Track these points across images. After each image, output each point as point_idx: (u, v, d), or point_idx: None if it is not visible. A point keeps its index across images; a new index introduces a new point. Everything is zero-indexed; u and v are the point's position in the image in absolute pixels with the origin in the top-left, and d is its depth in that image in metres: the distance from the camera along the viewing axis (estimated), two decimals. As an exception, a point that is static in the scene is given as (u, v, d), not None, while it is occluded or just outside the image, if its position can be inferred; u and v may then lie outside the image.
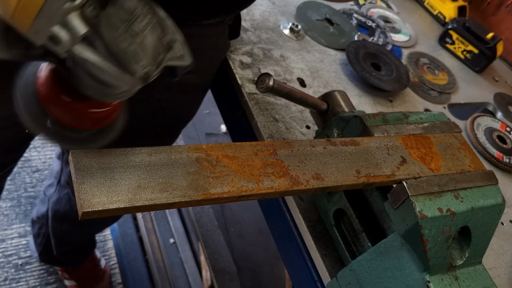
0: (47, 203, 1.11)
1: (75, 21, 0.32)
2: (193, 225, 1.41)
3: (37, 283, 1.34)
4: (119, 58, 0.33)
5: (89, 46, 0.33)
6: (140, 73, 0.34)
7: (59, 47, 0.33)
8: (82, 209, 0.35)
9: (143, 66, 0.34)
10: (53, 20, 0.31)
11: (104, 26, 0.33)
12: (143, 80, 0.35)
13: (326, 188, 0.46)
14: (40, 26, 0.31)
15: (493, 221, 0.52)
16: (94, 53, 0.33)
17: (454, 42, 1.13)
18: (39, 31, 0.32)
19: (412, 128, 0.57)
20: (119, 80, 0.34)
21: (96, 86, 0.35)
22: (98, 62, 0.33)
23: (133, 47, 0.33)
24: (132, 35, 0.33)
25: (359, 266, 0.52)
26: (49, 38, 0.32)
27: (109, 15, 0.33)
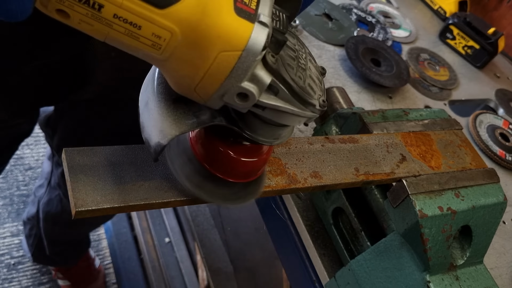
0: (37, 204, 1.11)
1: (261, 72, 0.31)
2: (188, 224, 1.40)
3: (30, 283, 1.33)
4: (301, 95, 0.33)
5: (270, 92, 0.32)
6: (318, 104, 0.35)
7: (247, 103, 0.32)
8: (76, 208, 0.34)
9: (319, 96, 0.35)
10: (243, 77, 0.30)
11: (283, 69, 0.32)
12: (320, 111, 0.35)
13: (324, 187, 0.46)
14: (228, 87, 0.31)
15: (495, 220, 0.52)
16: (276, 98, 0.33)
17: (455, 37, 1.11)
18: (225, 93, 0.31)
19: (412, 125, 0.56)
20: (300, 117, 0.34)
21: (270, 131, 0.36)
22: (283, 105, 0.33)
23: (308, 80, 0.34)
24: (303, 70, 0.34)
25: (358, 266, 0.52)
26: (237, 96, 0.31)
27: (283, 57, 0.33)
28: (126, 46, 0.30)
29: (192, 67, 0.30)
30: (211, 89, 0.31)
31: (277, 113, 0.34)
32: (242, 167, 0.38)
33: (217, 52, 0.29)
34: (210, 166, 0.37)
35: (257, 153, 0.38)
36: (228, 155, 0.37)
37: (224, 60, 0.29)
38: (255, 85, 0.31)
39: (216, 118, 0.35)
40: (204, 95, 0.32)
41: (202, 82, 0.31)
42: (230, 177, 0.38)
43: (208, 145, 0.37)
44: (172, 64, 0.31)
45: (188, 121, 0.34)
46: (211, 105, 0.33)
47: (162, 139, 0.33)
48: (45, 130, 0.90)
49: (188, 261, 1.38)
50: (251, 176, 0.40)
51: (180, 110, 0.34)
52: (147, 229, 1.46)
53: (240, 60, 0.30)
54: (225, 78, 0.30)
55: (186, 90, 0.32)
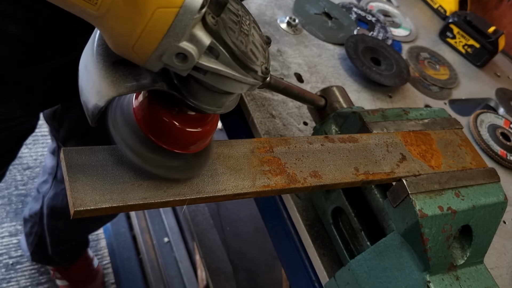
0: (41, 201, 1.10)
1: (200, 33, 0.31)
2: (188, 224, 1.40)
3: (28, 283, 1.33)
4: (242, 60, 0.32)
5: (210, 55, 0.32)
6: (260, 71, 0.34)
7: (186, 64, 0.31)
8: (74, 208, 0.34)
9: (261, 63, 0.34)
10: (181, 36, 0.30)
11: (224, 32, 0.32)
12: (263, 78, 0.34)
13: (324, 186, 0.46)
14: (166, 47, 0.30)
15: (495, 219, 0.52)
16: (217, 62, 0.32)
17: (455, 36, 1.11)
18: (163, 53, 0.30)
19: (412, 124, 0.56)
20: (242, 83, 0.34)
21: (213, 98, 0.35)
22: (223, 69, 0.32)
23: (250, 46, 0.34)
24: (245, 35, 0.33)
25: (358, 266, 0.51)
26: (175, 56, 0.31)
27: (224, 20, 0.32)
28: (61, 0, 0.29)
29: (129, 24, 0.29)
30: (149, 48, 0.30)
31: (219, 78, 0.33)
32: (187, 137, 0.37)
33: (154, 8, 0.29)
34: (155, 137, 0.37)
35: (202, 123, 0.38)
36: (172, 125, 0.36)
37: (161, 17, 0.29)
38: (194, 45, 0.31)
39: (158, 83, 0.34)
40: (142, 55, 0.31)
41: (140, 41, 0.30)
42: (175, 147, 0.37)
43: (152, 115, 0.36)
44: (109, 21, 0.30)
45: (127, 84, 0.33)
46: (150, 66, 0.32)
47: (99, 100, 0.32)
48: (51, 123, 0.90)
49: (187, 261, 1.38)
50: (197, 147, 0.39)
51: (119, 72, 0.33)
52: (146, 228, 1.46)
53: (177, 18, 0.29)
54: (162, 36, 0.30)
55: (124, 50, 0.31)
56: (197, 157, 0.40)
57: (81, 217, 0.35)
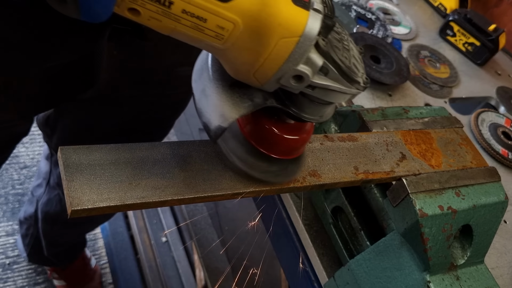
0: (35, 204, 1.10)
1: (314, 55, 0.34)
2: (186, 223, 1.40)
3: (25, 283, 1.32)
4: (348, 74, 0.36)
5: (320, 73, 0.35)
6: (362, 82, 0.37)
7: (301, 84, 0.34)
8: (72, 207, 0.34)
9: (362, 74, 0.38)
10: (299, 60, 0.33)
11: (332, 51, 0.35)
12: (364, 87, 0.38)
13: (323, 186, 0.46)
14: (285, 71, 0.33)
15: (496, 219, 0.51)
16: (326, 78, 0.35)
17: (455, 34, 1.11)
18: (282, 76, 0.34)
19: (412, 123, 0.56)
20: (347, 94, 0.37)
21: (317, 108, 0.38)
22: (332, 84, 0.36)
23: (353, 60, 0.37)
24: (347, 51, 0.37)
25: (357, 266, 0.51)
26: (292, 78, 0.34)
27: (330, 40, 0.35)
28: (190, 38, 0.32)
29: (252, 54, 0.32)
30: (270, 73, 0.33)
31: (326, 91, 0.36)
32: (285, 143, 0.40)
33: (277, 39, 0.32)
34: (255, 142, 0.40)
35: (299, 131, 0.41)
36: (272, 131, 0.40)
37: (284, 46, 0.32)
38: (309, 67, 0.34)
39: (268, 100, 0.37)
40: (262, 79, 0.34)
41: (262, 68, 0.33)
42: (273, 153, 0.41)
43: (254, 123, 0.40)
44: (233, 52, 0.33)
45: (245, 104, 0.36)
46: (267, 88, 0.35)
47: (223, 122, 0.36)
48: (44, 129, 0.90)
49: (185, 260, 1.37)
50: (293, 153, 0.42)
51: (236, 94, 0.36)
52: (143, 228, 1.45)
53: (297, 45, 0.32)
54: (283, 62, 0.33)
55: (245, 76, 0.34)
56: (294, 162, 0.43)
57: (78, 216, 0.35)
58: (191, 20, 0.30)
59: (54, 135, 0.88)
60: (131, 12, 0.30)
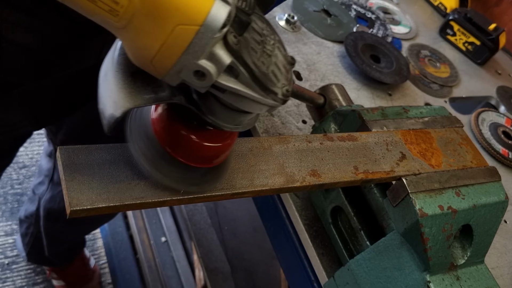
0: (37, 202, 1.10)
1: (221, 52, 0.30)
2: (185, 223, 1.39)
3: (24, 283, 1.31)
4: (263, 81, 0.32)
5: (230, 75, 0.32)
6: (280, 93, 0.34)
7: (204, 82, 0.31)
8: (71, 207, 0.34)
9: (283, 85, 0.34)
10: (200, 54, 0.30)
11: (245, 52, 0.31)
12: (283, 101, 0.34)
13: (323, 185, 0.45)
14: (185, 63, 0.30)
15: (496, 219, 0.51)
16: (236, 81, 0.32)
17: (455, 33, 1.10)
18: (182, 69, 0.30)
19: (412, 122, 0.55)
20: (261, 104, 0.33)
21: (230, 115, 0.35)
22: (242, 89, 0.32)
23: (272, 67, 0.33)
24: (268, 56, 0.33)
25: (357, 266, 0.51)
26: (194, 73, 0.31)
27: (247, 40, 0.32)
28: (83, 9, 0.29)
29: (149, 37, 0.29)
30: (168, 63, 0.30)
31: (238, 97, 0.33)
32: (204, 151, 0.37)
33: (174, 25, 0.29)
34: (172, 150, 0.36)
35: (221, 138, 0.37)
36: (190, 139, 0.36)
37: (181, 34, 0.29)
38: (213, 64, 0.30)
39: (176, 96, 0.34)
40: (161, 69, 0.31)
41: (159, 55, 0.30)
42: (192, 161, 0.37)
43: (170, 128, 0.36)
44: (130, 33, 0.30)
45: (145, 96, 0.33)
46: (169, 80, 0.32)
47: (115, 110, 0.32)
48: (49, 127, 0.89)
49: (185, 260, 1.37)
50: (213, 161, 0.38)
51: (138, 83, 0.33)
52: (143, 228, 1.45)
53: (197, 36, 0.29)
54: (181, 53, 0.29)
55: (143, 62, 0.31)
56: (214, 170, 0.39)
57: (77, 216, 0.35)
58: None
59: (60, 131, 0.88)
60: None
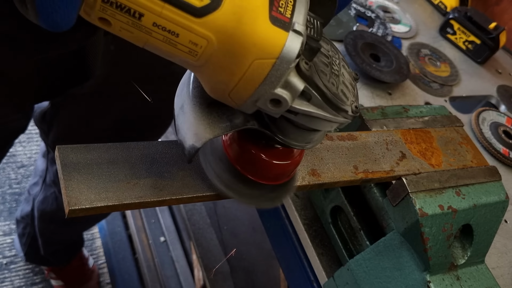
0: (31, 203, 1.10)
1: (294, 79, 0.32)
2: (184, 223, 1.39)
3: (23, 283, 1.31)
4: (334, 102, 0.33)
5: (303, 98, 0.33)
6: (350, 111, 0.35)
7: (279, 108, 0.32)
8: (69, 207, 0.34)
9: (351, 102, 0.35)
10: (277, 84, 0.31)
11: (316, 76, 0.33)
12: (353, 117, 0.36)
13: (322, 185, 0.45)
14: (261, 94, 0.31)
15: (496, 218, 0.51)
16: (309, 104, 0.33)
17: (456, 32, 1.10)
18: (258, 99, 0.32)
19: (412, 122, 0.55)
20: (332, 122, 0.35)
21: (302, 135, 0.36)
22: (315, 111, 0.33)
23: (341, 87, 0.34)
24: (336, 76, 0.34)
25: (357, 266, 0.51)
26: (270, 101, 0.32)
27: (316, 63, 0.33)
28: (164, 52, 0.31)
29: (227, 73, 0.31)
30: (245, 95, 0.32)
31: (310, 118, 0.34)
32: (273, 169, 0.39)
33: (252, 60, 0.30)
34: (242, 168, 0.38)
35: (289, 156, 0.39)
36: (259, 157, 0.38)
37: (259, 68, 0.30)
38: (288, 91, 0.32)
39: (249, 122, 0.35)
40: (238, 100, 0.32)
41: (237, 88, 0.31)
42: (261, 179, 0.39)
43: (240, 147, 0.38)
44: (208, 69, 0.31)
45: (222, 125, 0.35)
46: (245, 109, 0.34)
47: (196, 141, 0.34)
48: (40, 126, 0.89)
49: (184, 260, 1.37)
50: (282, 178, 0.40)
51: (214, 114, 0.35)
52: (142, 228, 1.45)
53: (274, 68, 0.30)
54: (259, 84, 0.31)
55: (221, 95, 0.33)
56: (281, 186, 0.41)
57: (76, 216, 0.35)
58: (163, 34, 0.29)
59: (51, 131, 0.87)
60: (102, 22, 0.29)
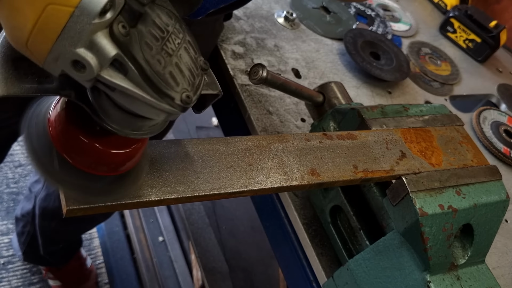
0: (33, 200, 1.09)
1: (103, 41, 0.27)
2: (183, 223, 1.39)
3: (20, 283, 1.30)
4: (155, 82, 0.29)
5: (118, 70, 0.29)
6: (179, 99, 0.30)
7: (84, 74, 0.28)
8: (67, 206, 0.33)
9: (183, 90, 0.30)
10: (77, 41, 0.27)
11: (136, 46, 0.28)
12: (182, 108, 0.31)
13: (322, 184, 0.45)
14: (61, 50, 0.27)
15: (497, 218, 0.51)
16: (125, 79, 0.29)
17: (456, 30, 1.10)
18: (59, 57, 0.28)
19: (412, 121, 0.55)
20: (155, 108, 0.30)
21: (125, 119, 0.31)
22: (131, 88, 0.29)
23: (170, 68, 0.30)
24: (167, 55, 0.30)
25: (357, 266, 0.50)
26: (72, 63, 0.28)
27: (141, 33, 0.29)
28: None
29: (21, 16, 0.27)
30: (44, 48, 0.27)
31: (130, 99, 0.29)
32: (107, 159, 0.33)
33: (45, 3, 0.26)
34: (70, 158, 0.32)
35: (131, 142, 0.34)
36: (90, 145, 0.32)
37: (54, 15, 0.27)
38: (94, 54, 0.28)
39: (65, 90, 0.31)
40: (38, 55, 0.28)
41: (33, 37, 0.27)
42: (94, 170, 0.33)
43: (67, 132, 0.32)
44: (4, 10, 0.28)
45: (25, 84, 0.30)
46: (49, 69, 0.29)
47: None
48: None
49: (182, 260, 1.37)
50: (119, 169, 0.35)
51: (20, 70, 0.30)
52: (140, 227, 1.45)
53: (72, 19, 0.26)
54: (56, 37, 0.27)
55: (19, 45, 0.28)
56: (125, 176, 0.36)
57: (73, 215, 0.35)
58: None
59: None
60: None
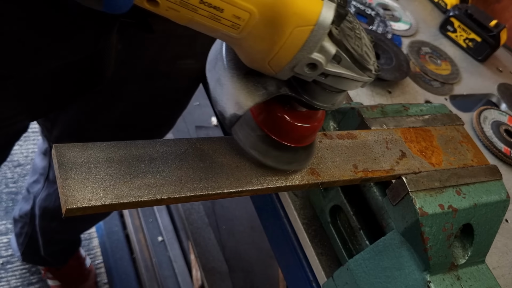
0: (31, 201, 1.09)
1: (327, 43, 0.35)
2: (182, 223, 1.39)
3: (19, 283, 1.30)
4: (361, 62, 0.37)
5: (333, 61, 0.36)
6: (373, 70, 0.38)
7: (315, 72, 0.35)
8: (66, 206, 0.34)
9: (373, 62, 0.38)
10: (313, 48, 0.34)
11: (344, 40, 0.36)
12: (375, 75, 0.39)
13: (321, 184, 0.45)
14: (299, 59, 0.34)
15: (497, 218, 0.51)
16: (339, 66, 0.36)
17: (456, 30, 1.09)
18: (297, 64, 0.35)
19: (412, 120, 0.55)
20: (359, 82, 0.38)
21: (328, 96, 0.39)
22: (346, 72, 0.37)
23: (364, 48, 0.38)
24: (359, 39, 0.38)
25: (357, 266, 0.50)
26: (306, 66, 0.35)
27: (343, 28, 0.36)
28: (207, 28, 0.33)
29: (267, 43, 0.33)
30: (284, 62, 0.34)
31: (338, 79, 0.37)
32: (297, 131, 0.42)
33: (292, 28, 0.33)
34: (268, 130, 0.41)
35: (311, 119, 0.42)
36: (284, 119, 0.41)
37: (298, 35, 0.33)
38: (323, 55, 0.35)
39: (282, 88, 0.38)
40: (276, 68, 0.35)
41: (277, 56, 0.34)
42: (285, 140, 0.42)
43: (267, 112, 0.41)
44: (248, 41, 0.34)
45: (259, 93, 0.37)
46: (281, 76, 0.36)
47: (238, 110, 0.37)
48: (43, 123, 0.89)
49: (182, 260, 1.37)
50: (304, 141, 0.43)
51: (251, 83, 0.37)
52: (139, 227, 1.44)
53: (312, 34, 0.33)
54: (297, 50, 0.34)
55: (259, 65, 0.35)
56: (305, 150, 0.44)
57: (73, 215, 0.35)
58: (208, 10, 0.31)
59: (55, 128, 0.87)
60: (150, 3, 0.31)
